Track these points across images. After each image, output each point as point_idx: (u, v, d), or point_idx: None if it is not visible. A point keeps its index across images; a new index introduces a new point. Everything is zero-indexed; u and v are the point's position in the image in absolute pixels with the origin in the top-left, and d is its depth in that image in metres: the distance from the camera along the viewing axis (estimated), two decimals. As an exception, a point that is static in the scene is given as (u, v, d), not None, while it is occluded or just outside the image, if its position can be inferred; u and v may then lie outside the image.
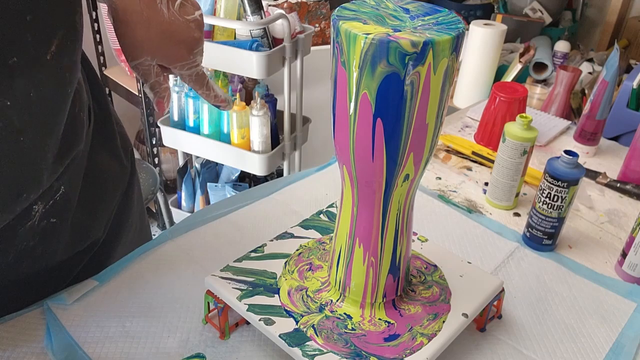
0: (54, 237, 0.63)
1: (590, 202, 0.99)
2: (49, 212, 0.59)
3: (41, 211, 0.58)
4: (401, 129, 0.50)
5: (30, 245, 0.59)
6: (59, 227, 0.62)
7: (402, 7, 0.52)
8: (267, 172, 1.65)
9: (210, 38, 1.54)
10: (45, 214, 0.59)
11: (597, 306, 0.75)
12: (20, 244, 0.58)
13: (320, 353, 0.57)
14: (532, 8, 2.23)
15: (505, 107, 1.11)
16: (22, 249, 0.59)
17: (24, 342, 0.65)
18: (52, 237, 0.62)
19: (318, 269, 0.68)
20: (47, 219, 0.59)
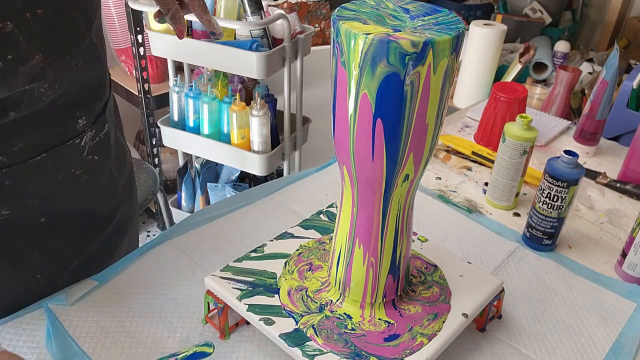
0: (94, 176, 0.71)
1: (590, 202, 0.99)
2: (95, 147, 0.70)
3: (89, 143, 0.68)
4: (401, 129, 0.50)
5: (76, 174, 0.68)
6: (99, 168, 0.72)
7: (402, 7, 0.52)
8: (267, 172, 1.65)
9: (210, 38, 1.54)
10: (92, 148, 0.69)
11: (597, 306, 0.75)
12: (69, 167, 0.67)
13: (320, 353, 0.57)
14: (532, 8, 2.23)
15: (505, 107, 1.11)
16: (70, 174, 0.67)
17: (24, 343, 0.65)
18: (93, 176, 0.71)
19: (318, 269, 0.68)
20: (92, 154, 0.70)
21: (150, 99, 1.82)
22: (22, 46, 0.53)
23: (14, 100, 0.56)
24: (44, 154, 0.63)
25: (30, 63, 0.55)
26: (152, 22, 1.57)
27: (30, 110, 0.59)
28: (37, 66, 0.55)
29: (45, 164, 0.64)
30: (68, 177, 0.67)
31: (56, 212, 0.69)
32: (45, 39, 0.56)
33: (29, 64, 0.55)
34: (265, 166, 1.63)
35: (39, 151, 0.63)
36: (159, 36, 1.55)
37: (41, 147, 0.63)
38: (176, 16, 0.71)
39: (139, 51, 1.69)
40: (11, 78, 0.54)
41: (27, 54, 0.54)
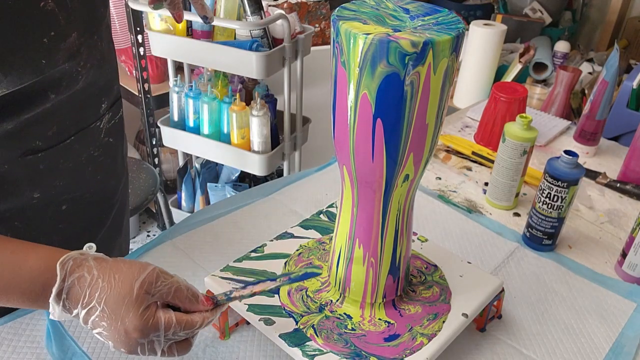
0: (109, 158, 0.75)
1: (590, 202, 0.99)
2: (110, 130, 0.74)
3: (106, 125, 0.72)
4: (401, 129, 0.50)
5: (94, 155, 0.72)
6: (113, 150, 0.76)
7: (402, 7, 0.52)
8: (267, 172, 1.65)
9: (210, 38, 1.54)
10: (108, 130, 0.73)
11: (597, 306, 0.75)
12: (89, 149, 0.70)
13: (320, 353, 0.57)
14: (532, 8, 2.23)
15: (505, 107, 1.11)
16: (90, 155, 0.71)
17: (24, 343, 0.65)
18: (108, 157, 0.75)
19: (318, 269, 0.68)
20: (108, 136, 0.73)
21: (150, 99, 1.81)
22: (61, 24, 0.56)
23: (55, 80, 0.59)
24: (72, 137, 0.67)
25: (69, 40, 0.58)
26: (152, 22, 1.57)
27: (68, 92, 0.62)
28: (74, 43, 0.59)
29: (73, 147, 0.67)
30: (88, 159, 0.71)
31: (77, 196, 0.72)
32: (79, 17, 0.59)
33: (68, 41, 0.58)
34: (265, 166, 1.62)
35: (69, 134, 0.66)
36: (159, 36, 1.55)
37: (71, 130, 0.66)
38: (174, 1, 0.75)
39: (139, 51, 1.69)
40: (55, 54, 0.57)
41: (66, 32, 0.57)
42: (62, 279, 0.48)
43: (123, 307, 0.48)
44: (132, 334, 0.49)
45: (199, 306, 0.53)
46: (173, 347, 0.52)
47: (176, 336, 0.51)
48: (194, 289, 0.53)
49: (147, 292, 0.49)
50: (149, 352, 0.51)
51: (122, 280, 0.49)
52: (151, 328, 0.49)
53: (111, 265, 0.50)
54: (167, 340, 0.51)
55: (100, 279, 0.49)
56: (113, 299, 0.48)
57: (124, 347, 0.50)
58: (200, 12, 0.78)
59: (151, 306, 0.50)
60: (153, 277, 0.50)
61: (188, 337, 0.53)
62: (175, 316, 0.50)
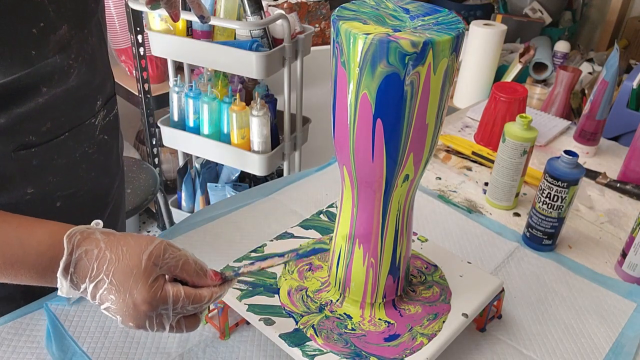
0: (103, 155, 0.75)
1: (590, 202, 0.99)
2: (105, 127, 0.74)
3: (101, 122, 0.72)
4: (401, 129, 0.50)
5: (89, 152, 0.71)
6: (108, 147, 0.76)
7: (402, 7, 0.52)
8: (267, 172, 1.65)
9: (210, 38, 1.54)
10: (103, 127, 0.73)
11: (597, 306, 0.75)
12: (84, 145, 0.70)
13: (320, 353, 0.57)
14: (532, 8, 2.23)
15: (505, 107, 1.11)
16: (84, 152, 0.71)
17: (24, 343, 0.65)
18: (103, 155, 0.75)
19: (318, 269, 0.68)
20: (103, 133, 0.73)
21: (150, 99, 1.81)
22: (51, 15, 0.57)
23: (46, 74, 0.59)
24: (66, 133, 0.67)
25: (59, 33, 0.58)
26: (152, 22, 1.57)
27: (60, 87, 0.62)
28: (64, 36, 0.59)
29: (67, 143, 0.67)
30: (82, 156, 0.71)
31: (70, 193, 0.72)
32: (69, 11, 0.59)
33: (58, 34, 0.58)
34: (265, 166, 1.62)
35: (63, 130, 0.66)
36: (159, 36, 1.55)
37: (65, 126, 0.66)
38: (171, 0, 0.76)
39: (139, 51, 1.69)
40: (45, 46, 0.57)
41: (56, 24, 0.57)
42: (70, 252, 0.48)
43: (131, 279, 0.48)
44: (140, 307, 0.48)
45: (207, 281, 0.52)
46: (181, 321, 0.52)
47: (184, 310, 0.50)
48: (202, 263, 0.53)
49: (155, 264, 0.49)
50: (157, 326, 0.50)
51: (130, 252, 0.49)
52: (160, 300, 0.49)
53: (119, 239, 0.50)
54: (175, 314, 0.50)
55: (107, 251, 0.48)
56: (121, 271, 0.48)
57: (132, 320, 0.49)
58: (197, 12, 0.79)
59: (159, 279, 0.49)
60: (161, 250, 0.49)
61: (196, 312, 0.52)
62: (184, 290, 0.50)
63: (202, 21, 0.80)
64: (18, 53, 0.55)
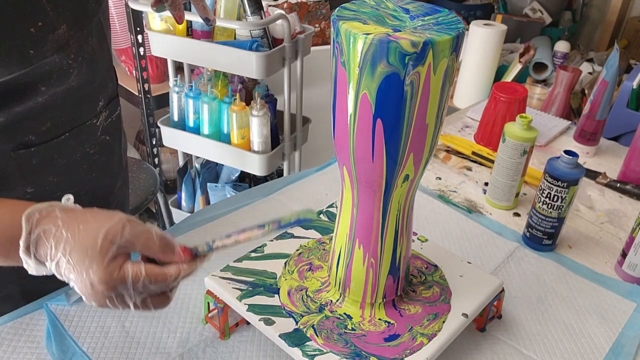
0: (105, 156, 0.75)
1: (590, 202, 0.99)
2: (107, 128, 0.74)
3: (103, 123, 0.72)
4: (401, 129, 0.50)
5: (90, 153, 0.71)
6: (110, 148, 0.76)
7: (402, 7, 0.52)
8: (267, 172, 1.65)
9: (210, 38, 1.54)
10: (105, 128, 0.73)
11: (597, 306, 0.75)
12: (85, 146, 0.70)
13: (320, 353, 0.57)
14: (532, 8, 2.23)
15: (505, 107, 1.11)
16: (85, 152, 0.71)
17: (24, 343, 0.65)
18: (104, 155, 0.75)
19: (318, 269, 0.68)
20: (105, 134, 0.73)
21: (150, 99, 1.81)
22: (50, 14, 0.57)
23: (45, 73, 0.59)
24: (67, 133, 0.67)
25: (58, 32, 0.58)
26: (152, 22, 1.57)
27: (60, 87, 0.62)
28: (63, 35, 0.59)
29: (67, 143, 0.67)
30: (83, 156, 0.71)
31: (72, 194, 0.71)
32: (68, 10, 0.59)
33: (56, 33, 0.58)
34: (265, 166, 1.62)
35: (64, 130, 0.66)
36: (159, 36, 1.55)
37: (66, 126, 0.66)
38: (175, 3, 0.76)
39: (139, 51, 1.69)
40: (43, 45, 0.57)
41: (55, 23, 0.57)
42: (28, 232, 0.46)
43: (86, 259, 0.46)
44: (97, 287, 0.46)
45: (174, 257, 0.50)
46: (148, 301, 0.49)
47: (148, 290, 0.48)
48: (169, 239, 0.50)
49: (112, 242, 0.46)
50: (120, 305, 0.48)
51: (87, 230, 0.46)
52: (117, 281, 0.46)
53: (77, 216, 0.48)
54: (138, 293, 0.48)
55: (64, 229, 0.47)
56: (77, 250, 0.46)
57: (92, 300, 0.47)
58: (202, 14, 0.78)
59: (118, 258, 0.47)
60: (119, 227, 0.47)
61: (165, 290, 0.50)
62: (145, 268, 0.47)
63: (208, 24, 0.80)
64: (16, 52, 0.55)
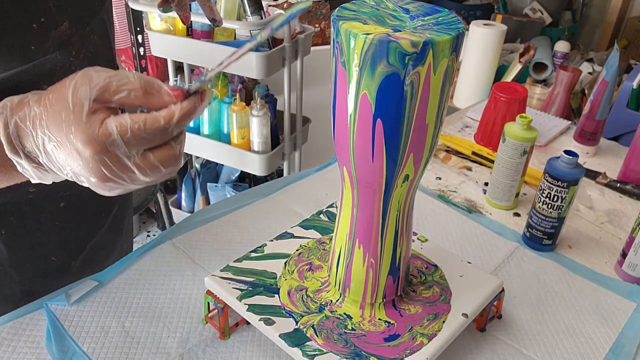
0: None
1: (590, 202, 0.99)
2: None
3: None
4: (401, 129, 0.50)
5: None
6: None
7: (402, 7, 0.52)
8: (267, 172, 1.65)
9: (210, 38, 1.54)
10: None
11: (597, 306, 0.75)
12: None
13: (320, 353, 0.57)
14: (532, 8, 2.23)
15: (505, 107, 1.11)
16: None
17: (24, 343, 0.65)
18: None
19: (318, 269, 0.68)
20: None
21: (150, 99, 1.81)
22: (52, 11, 0.56)
23: (47, 71, 0.59)
24: None
25: (60, 29, 0.58)
26: (152, 22, 1.57)
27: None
28: (65, 33, 0.59)
29: None
30: None
31: (74, 193, 0.71)
32: (71, 7, 0.59)
33: (58, 30, 0.58)
34: (265, 166, 1.63)
35: None
36: (159, 36, 1.55)
37: None
38: (181, 3, 0.76)
39: (139, 51, 1.69)
40: (45, 41, 0.57)
41: (57, 20, 0.57)
42: (5, 124, 0.43)
43: (63, 124, 0.41)
44: (84, 152, 0.41)
45: (163, 99, 0.43)
46: (150, 157, 0.43)
47: (142, 141, 0.42)
48: (152, 80, 0.44)
49: (83, 96, 0.41)
50: (121, 170, 0.42)
51: (56, 97, 0.42)
52: (102, 136, 0.41)
53: (47, 91, 0.44)
54: (133, 148, 0.42)
55: (35, 106, 0.43)
56: (52, 120, 0.42)
57: (89, 173, 0.42)
58: (209, 15, 0.78)
59: (97, 112, 0.41)
60: (85, 78, 0.42)
61: (167, 142, 0.44)
62: (130, 116, 0.41)
63: (215, 24, 0.80)
64: (17, 47, 0.55)
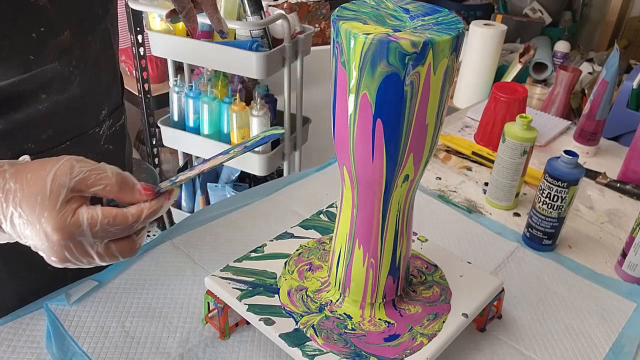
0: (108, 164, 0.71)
1: (590, 202, 0.99)
2: (110, 137, 0.72)
3: (106, 132, 0.71)
4: (401, 129, 0.50)
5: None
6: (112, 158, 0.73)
7: (402, 7, 0.52)
8: (267, 172, 1.65)
9: (210, 38, 1.54)
10: (108, 137, 0.72)
11: (597, 306, 0.75)
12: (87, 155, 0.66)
13: (320, 353, 0.57)
14: (532, 8, 2.23)
15: (505, 107, 1.11)
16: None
17: (24, 343, 0.65)
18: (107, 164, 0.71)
19: (318, 269, 0.68)
20: (108, 143, 0.72)
21: (150, 99, 1.81)
22: (53, 20, 0.56)
23: (46, 80, 0.58)
24: (68, 142, 0.65)
25: (60, 38, 0.57)
26: (152, 22, 1.57)
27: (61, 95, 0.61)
28: (65, 42, 0.58)
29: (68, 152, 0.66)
30: None
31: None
32: (73, 16, 0.58)
33: (59, 39, 0.57)
34: (265, 166, 1.63)
35: (65, 139, 0.65)
36: (159, 36, 1.55)
37: (67, 134, 0.65)
38: (190, 14, 0.76)
39: (139, 51, 1.69)
40: (43, 50, 0.56)
41: (58, 29, 0.57)
42: None
43: (37, 207, 0.43)
44: (52, 236, 0.43)
45: (135, 196, 0.46)
46: (111, 247, 0.46)
47: (108, 234, 0.45)
48: (128, 177, 0.47)
49: (61, 185, 0.43)
50: (82, 256, 0.45)
51: (35, 177, 0.44)
52: (72, 226, 0.43)
53: (26, 166, 0.45)
54: (99, 239, 0.44)
55: (12, 181, 0.44)
56: (26, 199, 0.43)
57: (52, 254, 0.44)
58: (217, 27, 0.79)
59: (72, 201, 0.44)
60: (67, 168, 0.44)
61: (129, 234, 0.47)
62: (102, 210, 0.44)
63: (222, 36, 0.80)
64: (16, 57, 0.54)
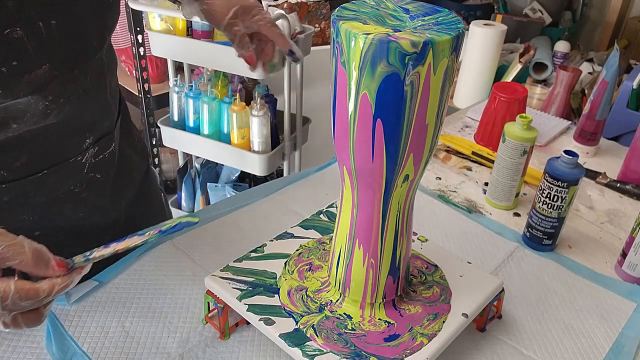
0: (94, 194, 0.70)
1: (590, 202, 0.99)
2: (96, 165, 0.69)
3: (90, 160, 0.68)
4: (401, 130, 0.50)
5: (75, 192, 0.67)
6: (99, 187, 0.71)
7: (402, 7, 0.52)
8: (267, 172, 1.65)
9: (210, 38, 1.54)
10: (94, 165, 0.68)
11: (597, 306, 0.75)
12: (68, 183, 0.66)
13: (320, 353, 0.57)
14: (532, 8, 2.23)
15: (505, 107, 1.11)
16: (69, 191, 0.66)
17: (24, 343, 0.65)
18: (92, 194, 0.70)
19: (318, 269, 0.68)
20: (94, 171, 0.69)
21: (150, 99, 1.81)
22: (30, 53, 0.52)
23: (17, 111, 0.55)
24: (46, 170, 0.62)
25: (37, 72, 0.53)
26: (152, 22, 1.57)
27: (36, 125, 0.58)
28: (43, 76, 0.54)
29: (46, 181, 0.63)
30: (67, 194, 0.67)
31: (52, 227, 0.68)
32: (56, 49, 0.54)
33: (34, 73, 0.53)
34: (265, 166, 1.63)
35: (41, 167, 0.62)
36: (159, 36, 1.55)
37: (44, 163, 0.62)
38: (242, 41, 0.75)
39: (139, 51, 1.69)
40: (14, 85, 0.53)
41: (35, 63, 0.53)
42: None
43: None
44: None
45: (48, 271, 0.47)
46: (18, 318, 0.47)
47: (18, 307, 0.46)
48: (44, 252, 0.47)
49: None
50: None
51: None
52: None
53: None
54: (8, 311, 0.45)
55: None
56: None
57: None
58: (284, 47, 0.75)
59: None
60: None
61: (37, 307, 0.48)
62: (14, 284, 0.45)
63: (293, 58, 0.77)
64: None
